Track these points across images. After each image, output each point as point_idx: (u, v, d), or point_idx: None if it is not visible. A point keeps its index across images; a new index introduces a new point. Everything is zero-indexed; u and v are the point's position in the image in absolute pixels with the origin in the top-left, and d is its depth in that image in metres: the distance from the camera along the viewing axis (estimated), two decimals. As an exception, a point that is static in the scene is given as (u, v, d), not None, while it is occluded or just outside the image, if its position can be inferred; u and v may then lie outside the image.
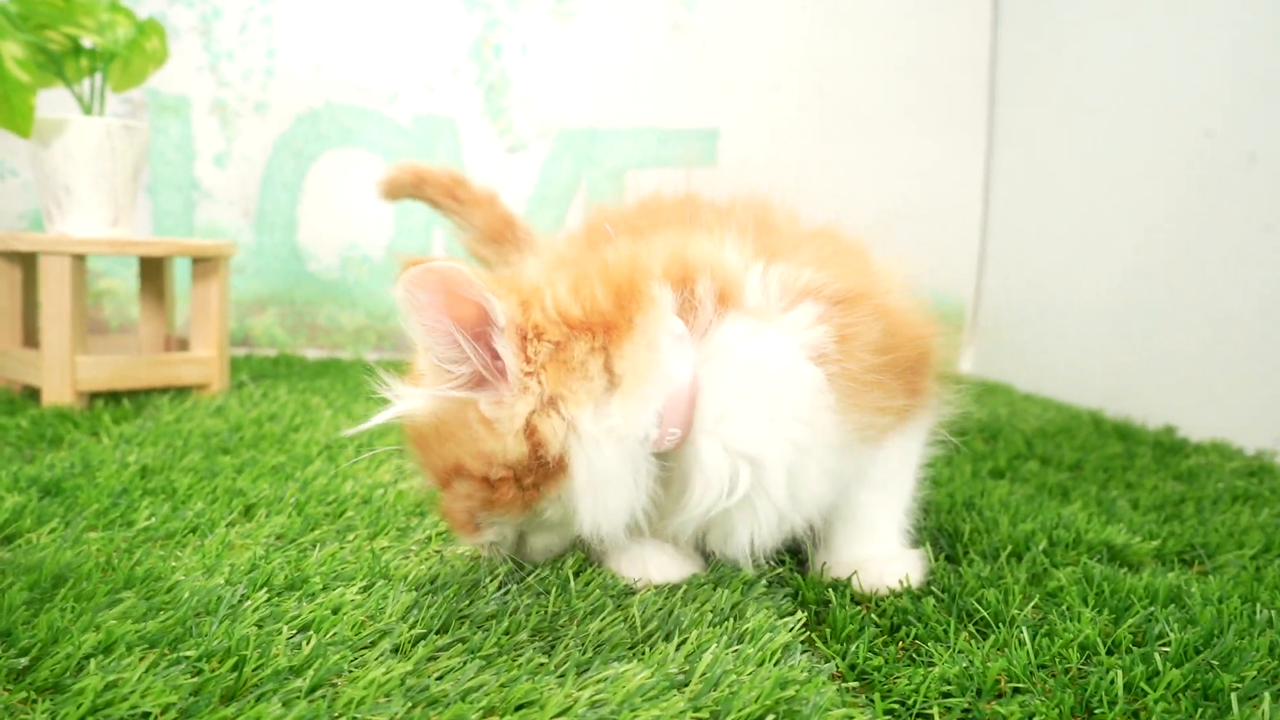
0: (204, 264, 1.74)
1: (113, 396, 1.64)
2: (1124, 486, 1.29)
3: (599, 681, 0.65)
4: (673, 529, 0.82)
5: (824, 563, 0.89)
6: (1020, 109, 2.40)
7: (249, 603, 0.74)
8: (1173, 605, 0.82)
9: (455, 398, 0.75)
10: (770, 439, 0.77)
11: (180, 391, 1.70)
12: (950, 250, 2.53)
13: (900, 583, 0.86)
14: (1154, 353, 1.85)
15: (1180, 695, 0.67)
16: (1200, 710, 0.64)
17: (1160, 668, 0.69)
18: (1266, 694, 0.65)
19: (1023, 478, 1.32)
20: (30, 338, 1.72)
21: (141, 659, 0.64)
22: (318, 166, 2.40)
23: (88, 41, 1.67)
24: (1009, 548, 0.95)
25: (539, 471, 0.75)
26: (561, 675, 0.66)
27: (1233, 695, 0.65)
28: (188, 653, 0.65)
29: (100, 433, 1.37)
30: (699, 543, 0.87)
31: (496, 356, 0.74)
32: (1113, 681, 0.67)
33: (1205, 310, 1.72)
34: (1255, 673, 0.69)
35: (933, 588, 0.86)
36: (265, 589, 0.78)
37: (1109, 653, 0.73)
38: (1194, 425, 1.67)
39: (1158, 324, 1.84)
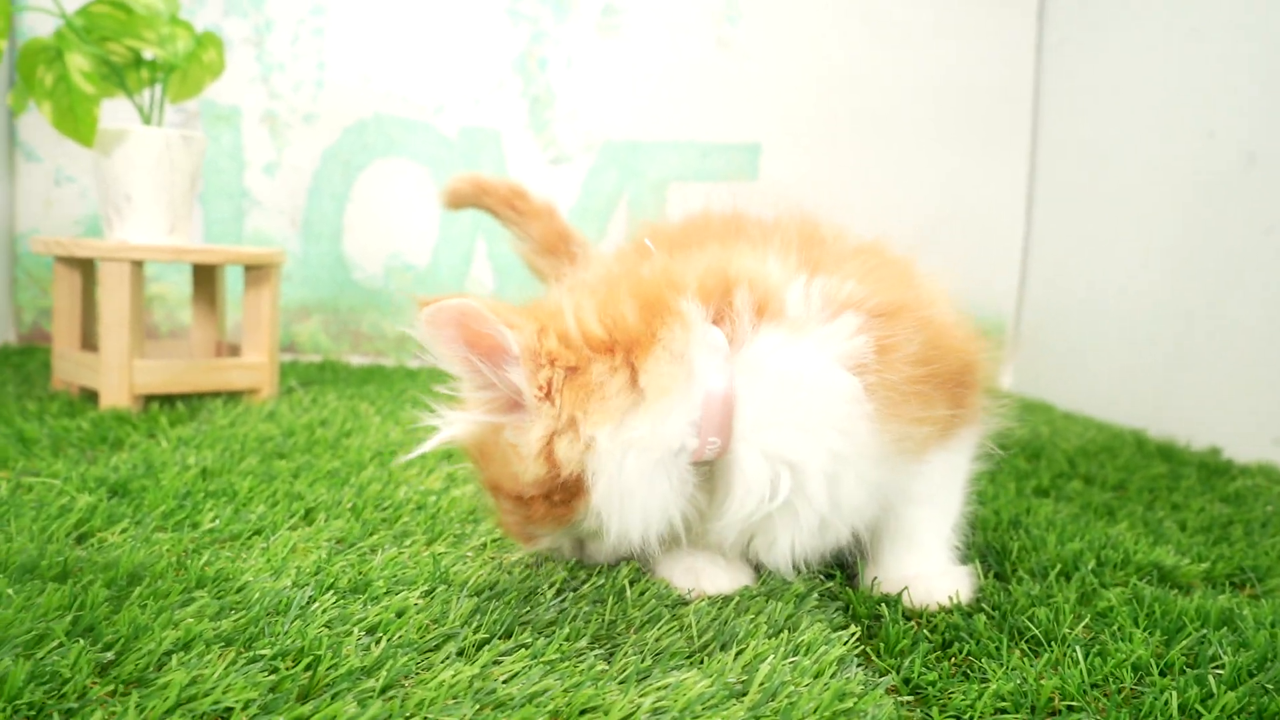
0: (256, 272, 1.78)
1: (166, 400, 1.68)
2: (1170, 508, 1.28)
3: (660, 689, 0.66)
4: (715, 535, 0.84)
5: (874, 578, 0.91)
6: (1064, 121, 2.39)
7: (317, 604, 0.77)
8: (1225, 628, 0.82)
9: (489, 422, 0.78)
10: (808, 446, 0.78)
11: (232, 396, 1.74)
12: (991, 265, 2.53)
13: (950, 599, 0.87)
14: (1198, 371, 1.84)
15: (1235, 718, 0.67)
16: (1256, 733, 0.65)
17: (1214, 690, 0.70)
18: (1324, 718, 0.66)
19: (1067, 497, 1.32)
20: (88, 341, 1.77)
21: (220, 656, 0.67)
22: (364, 177, 2.44)
23: (149, 53, 1.71)
24: (1057, 567, 0.96)
25: (563, 490, 0.78)
26: (623, 682, 0.68)
27: (1290, 718, 0.65)
28: (263, 651, 0.68)
29: (158, 435, 1.40)
30: (746, 552, 0.88)
31: None
32: (1167, 703, 0.68)
33: (1250, 328, 1.71)
34: (1311, 697, 0.69)
35: (983, 605, 0.86)
36: (332, 591, 0.80)
37: (1162, 674, 0.74)
38: (1240, 446, 1.66)
39: (1200, 341, 1.83)
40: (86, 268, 1.77)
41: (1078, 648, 0.76)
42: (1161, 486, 1.39)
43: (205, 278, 1.90)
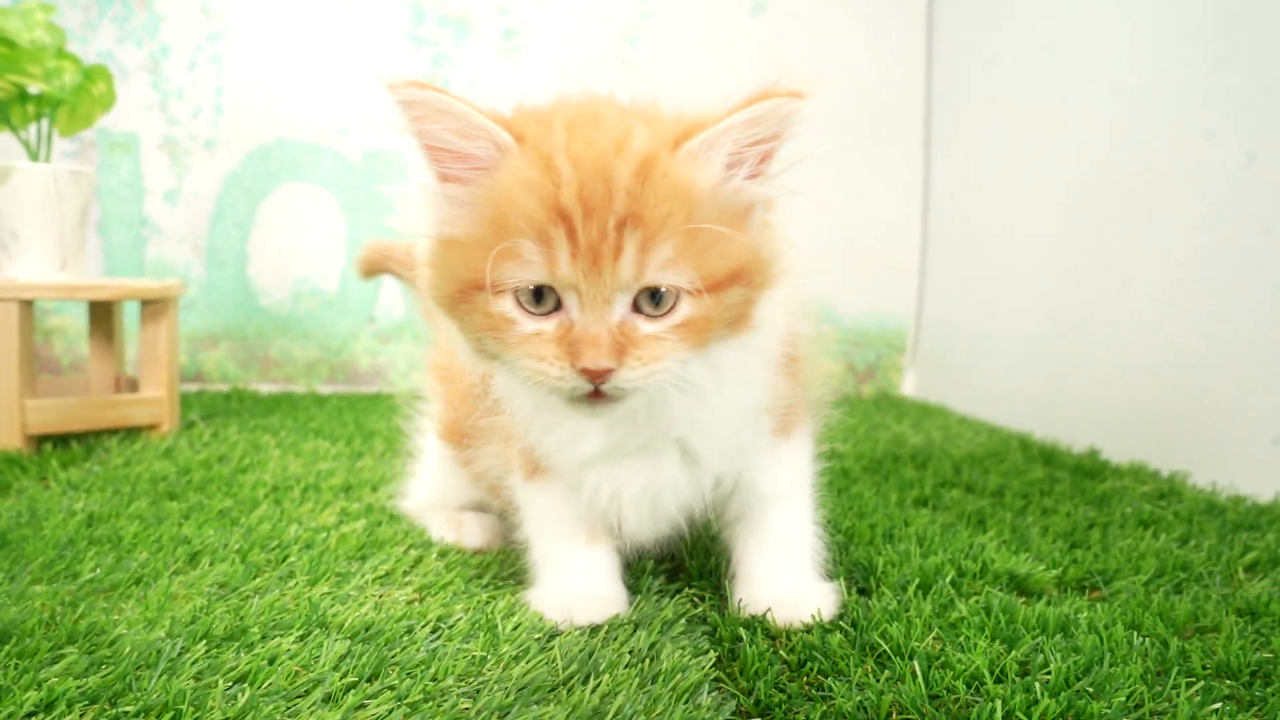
0: (152, 305, 1.76)
1: (62, 440, 1.65)
2: (1040, 513, 1.35)
3: (517, 725, 0.69)
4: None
5: (740, 599, 0.95)
6: (953, 139, 2.48)
7: (188, 655, 0.78)
8: (1060, 634, 0.88)
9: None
10: None
11: (130, 432, 1.72)
12: (891, 276, 2.61)
13: (813, 617, 0.92)
14: (1082, 374, 1.93)
15: (1055, 722, 0.72)
16: (1068, 737, 0.70)
17: (1039, 696, 0.75)
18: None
19: (945, 506, 1.38)
20: (-22, 381, 1.73)
21: (82, 715, 0.68)
22: (268, 202, 2.43)
23: (34, 88, 1.69)
24: (917, 580, 1.01)
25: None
26: None
27: (1094, 723, 0.71)
28: (127, 708, 0.69)
29: (49, 478, 1.39)
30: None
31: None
32: (993, 711, 0.73)
33: (1128, 330, 1.80)
34: (1124, 699, 0.75)
35: (841, 622, 0.91)
36: (205, 640, 0.81)
37: (997, 682, 0.79)
38: (1117, 447, 1.74)
39: (1085, 345, 1.92)
40: (-26, 307, 1.73)
41: (916, 662, 0.80)
42: (1035, 491, 1.46)
43: (102, 312, 1.88)
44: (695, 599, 0.97)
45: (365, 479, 1.44)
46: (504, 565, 1.06)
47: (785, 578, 0.95)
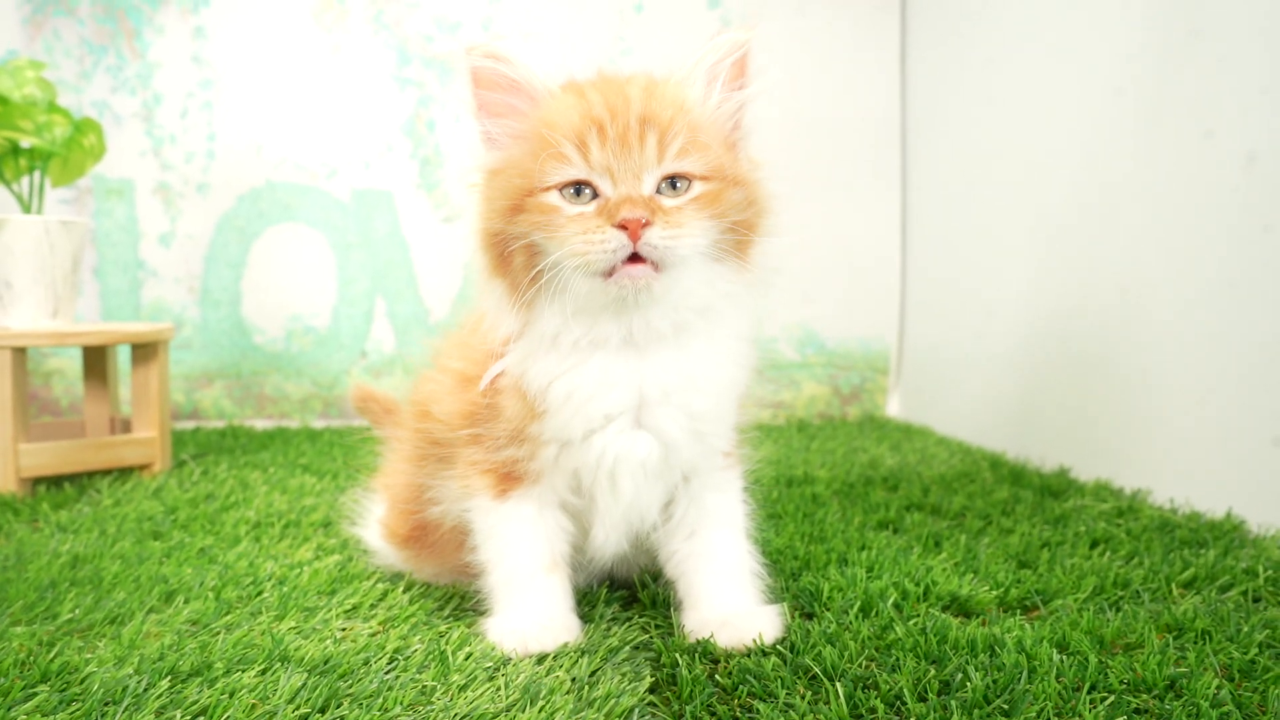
0: (143, 349, 1.82)
1: (55, 481, 1.71)
2: (998, 533, 1.39)
3: (455, 751, 0.73)
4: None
5: (686, 625, 0.99)
6: (929, 167, 2.53)
7: (153, 691, 0.83)
8: (987, 654, 0.92)
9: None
10: None
11: (123, 473, 1.78)
12: (873, 301, 2.65)
13: (755, 640, 0.96)
14: (1053, 393, 1.96)
15: (967, 739, 0.76)
16: (974, 753, 0.74)
17: (954, 713, 0.79)
18: (1026, 736, 0.75)
19: (906, 529, 1.42)
20: (-24, 426, 1.79)
21: (47, 750, 0.73)
22: (260, 243, 2.50)
23: (26, 142, 1.76)
24: (859, 604, 1.05)
25: None
26: (424, 746, 0.75)
27: (997, 739, 0.75)
28: (90, 742, 0.74)
29: (39, 520, 1.44)
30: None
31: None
32: (908, 729, 0.77)
33: (1093, 350, 1.83)
34: (1034, 714, 0.79)
35: (780, 646, 0.95)
36: (170, 676, 0.86)
37: (919, 700, 0.83)
38: (1085, 466, 1.77)
39: (1056, 365, 1.96)
40: (-29, 354, 1.80)
41: (841, 683, 0.84)
42: (997, 512, 1.50)
43: (95, 355, 1.94)
44: (644, 627, 1.02)
45: (346, 514, 1.49)
46: (466, 597, 1.10)
47: (730, 600, 1.00)
